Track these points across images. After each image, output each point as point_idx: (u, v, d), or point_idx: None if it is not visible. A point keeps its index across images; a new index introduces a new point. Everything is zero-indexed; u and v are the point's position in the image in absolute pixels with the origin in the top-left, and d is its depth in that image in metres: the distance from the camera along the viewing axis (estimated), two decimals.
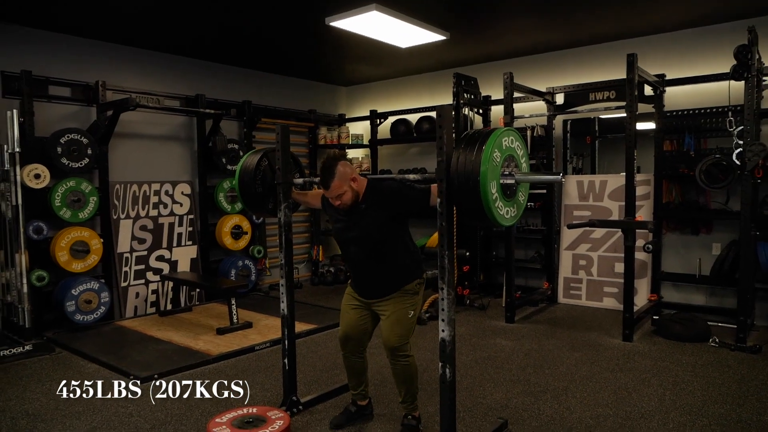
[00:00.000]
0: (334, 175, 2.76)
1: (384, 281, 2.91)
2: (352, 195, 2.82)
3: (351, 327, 3.05)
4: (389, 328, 2.89)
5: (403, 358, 2.91)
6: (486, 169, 2.23)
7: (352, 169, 2.84)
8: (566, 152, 6.43)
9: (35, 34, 5.25)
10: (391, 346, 2.88)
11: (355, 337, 3.05)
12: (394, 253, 2.89)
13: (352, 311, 3.05)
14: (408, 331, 2.91)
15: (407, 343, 2.91)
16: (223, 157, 6.45)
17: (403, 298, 2.90)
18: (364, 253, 2.89)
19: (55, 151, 5.05)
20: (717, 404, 3.43)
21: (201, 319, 5.59)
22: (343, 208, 2.88)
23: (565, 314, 5.72)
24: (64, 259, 5.09)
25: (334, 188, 2.78)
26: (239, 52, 6.34)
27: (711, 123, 5.28)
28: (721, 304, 5.42)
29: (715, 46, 5.36)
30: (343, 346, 3.10)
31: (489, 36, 5.80)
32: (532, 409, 3.40)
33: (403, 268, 2.92)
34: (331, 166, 2.77)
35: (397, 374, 2.96)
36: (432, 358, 4.24)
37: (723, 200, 5.33)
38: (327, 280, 7.54)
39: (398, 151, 7.84)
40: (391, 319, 2.89)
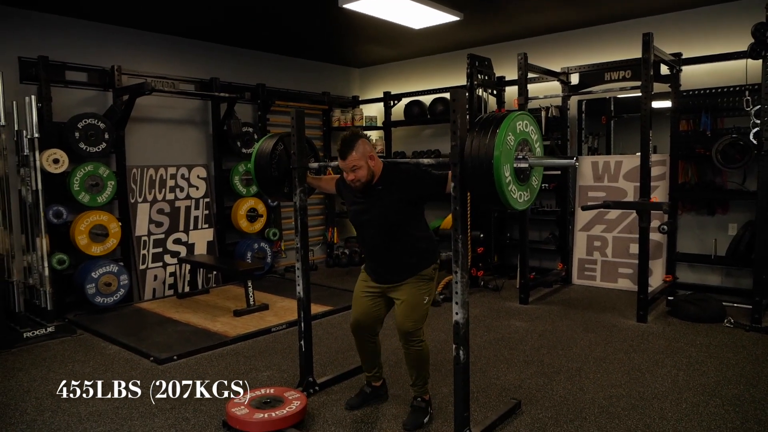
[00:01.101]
0: (353, 148, 2.77)
1: (399, 265, 2.92)
2: (367, 172, 2.82)
3: (363, 314, 3.06)
4: (403, 314, 2.91)
5: (416, 344, 2.93)
6: (500, 153, 2.24)
7: (371, 147, 2.85)
8: (581, 132, 6.38)
9: (51, 19, 5.29)
10: (405, 331, 2.90)
11: (367, 324, 3.07)
12: (409, 237, 2.90)
13: (365, 298, 3.06)
14: (422, 316, 2.93)
15: (421, 329, 2.93)
16: (238, 140, 6.49)
17: (419, 283, 2.91)
18: (380, 236, 2.91)
19: (73, 136, 5.12)
20: (731, 385, 3.44)
21: (218, 301, 5.68)
22: (356, 187, 2.88)
23: (580, 295, 5.73)
24: (83, 243, 5.18)
25: (350, 160, 2.77)
26: (253, 35, 6.34)
27: (728, 102, 5.21)
28: (736, 285, 5.40)
29: (732, 24, 5.27)
30: (355, 332, 3.13)
31: (502, 16, 5.74)
32: (546, 389, 3.44)
33: (418, 252, 2.93)
34: (352, 139, 2.79)
35: (410, 359, 2.99)
36: (446, 339, 4.29)
37: (739, 180, 5.28)
38: (342, 262, 7.60)
39: (412, 133, 7.83)
40: (406, 304, 2.91)
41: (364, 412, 3.18)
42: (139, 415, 3.19)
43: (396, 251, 2.91)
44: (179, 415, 3.17)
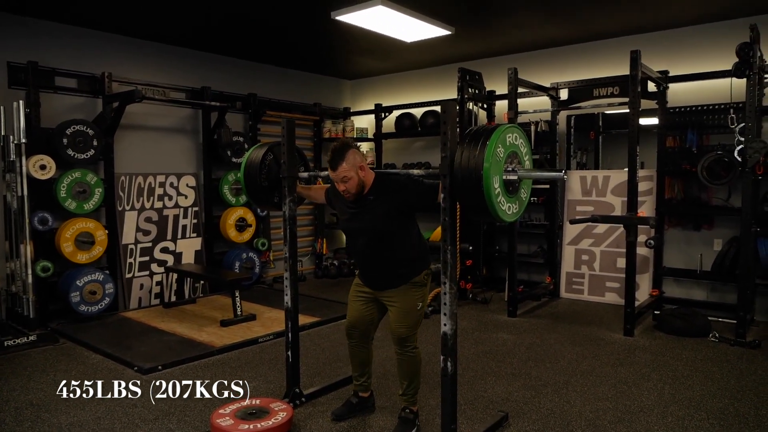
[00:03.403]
0: (344, 159, 2.77)
1: (391, 273, 2.92)
2: (357, 182, 2.83)
3: (357, 318, 3.08)
4: (397, 319, 2.92)
5: (410, 350, 2.95)
6: (489, 165, 2.26)
7: (362, 158, 2.86)
8: (570, 147, 6.44)
9: (42, 25, 5.27)
10: (400, 337, 2.92)
11: (361, 327, 3.09)
12: (401, 246, 2.91)
13: (358, 302, 3.08)
14: (416, 322, 2.95)
15: (415, 334, 2.95)
16: (228, 149, 6.47)
17: (412, 289, 2.92)
18: (372, 245, 2.91)
19: (61, 142, 5.08)
20: (715, 398, 3.46)
21: (205, 311, 5.63)
22: (347, 198, 2.89)
23: (567, 309, 5.75)
24: (69, 250, 5.13)
25: (341, 171, 2.78)
26: (245, 45, 6.35)
27: (713, 120, 5.29)
28: (721, 300, 5.44)
29: (718, 43, 5.36)
30: (349, 336, 3.14)
31: (494, 31, 5.80)
32: (533, 402, 3.44)
33: (410, 260, 2.93)
34: (342, 149, 2.80)
35: (402, 366, 3.00)
36: (434, 351, 4.27)
37: (724, 196, 5.35)
38: (331, 273, 7.58)
39: (403, 145, 7.86)
40: (400, 310, 2.92)
41: (350, 423, 3.16)
42: (121, 425, 3.14)
43: (387, 260, 2.91)
44: (163, 426, 3.13)
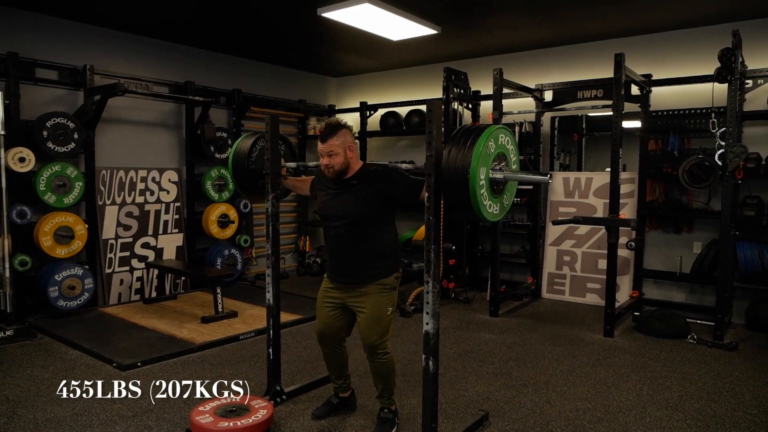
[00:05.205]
0: (335, 134, 2.81)
1: (361, 266, 2.86)
2: (342, 161, 2.82)
3: (326, 324, 3.03)
4: (367, 326, 2.87)
5: (381, 356, 2.91)
6: (477, 162, 2.26)
7: (353, 140, 2.89)
8: (553, 149, 6.48)
9: (23, 15, 5.17)
10: (370, 344, 2.87)
11: (331, 333, 3.04)
12: (376, 237, 2.86)
13: (326, 308, 3.02)
14: (386, 328, 2.89)
15: (386, 340, 2.90)
16: (211, 145, 6.42)
17: (381, 293, 2.87)
18: (347, 230, 2.85)
19: (41, 134, 4.99)
20: (693, 399, 3.50)
21: (186, 307, 5.58)
22: (329, 174, 2.86)
23: (549, 309, 5.79)
24: (47, 245, 5.05)
25: (329, 144, 2.80)
26: (230, 40, 6.30)
27: (695, 124, 5.36)
28: (700, 302, 5.52)
29: (701, 47, 5.42)
30: (321, 343, 3.09)
31: (480, 31, 5.82)
32: (513, 402, 3.46)
33: (382, 256, 2.88)
34: (336, 126, 2.84)
35: (375, 371, 2.97)
36: (415, 350, 4.28)
37: (705, 200, 5.42)
38: (313, 271, 7.55)
39: (387, 143, 7.85)
40: (369, 316, 2.86)
41: (330, 422, 3.15)
42: (99, 422, 3.10)
43: (360, 249, 2.86)
44: (141, 423, 3.10)
